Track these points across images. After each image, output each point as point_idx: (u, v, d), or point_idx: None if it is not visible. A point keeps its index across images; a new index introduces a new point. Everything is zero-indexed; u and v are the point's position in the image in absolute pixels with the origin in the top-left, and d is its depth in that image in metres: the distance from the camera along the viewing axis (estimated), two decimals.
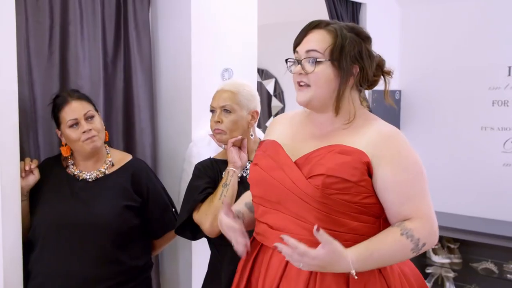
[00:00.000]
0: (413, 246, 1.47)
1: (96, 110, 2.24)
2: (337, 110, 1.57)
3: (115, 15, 2.64)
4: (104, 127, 2.24)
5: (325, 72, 1.55)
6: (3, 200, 1.98)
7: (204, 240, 2.50)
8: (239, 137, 2.11)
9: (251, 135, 2.17)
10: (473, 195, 3.97)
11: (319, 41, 1.56)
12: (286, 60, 1.64)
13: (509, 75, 3.83)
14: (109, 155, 2.28)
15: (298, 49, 1.60)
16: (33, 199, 2.17)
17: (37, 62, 2.35)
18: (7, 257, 2.01)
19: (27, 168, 2.12)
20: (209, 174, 2.14)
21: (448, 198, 3.98)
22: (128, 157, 2.33)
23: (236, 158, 2.08)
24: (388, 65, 1.66)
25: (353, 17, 3.87)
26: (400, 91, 4.25)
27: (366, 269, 1.46)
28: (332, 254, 1.39)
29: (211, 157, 2.27)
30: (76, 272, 2.05)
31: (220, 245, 2.07)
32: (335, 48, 1.54)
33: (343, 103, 1.57)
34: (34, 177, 2.15)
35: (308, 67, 1.56)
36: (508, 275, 3.69)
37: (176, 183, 2.69)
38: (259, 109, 2.20)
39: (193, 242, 2.70)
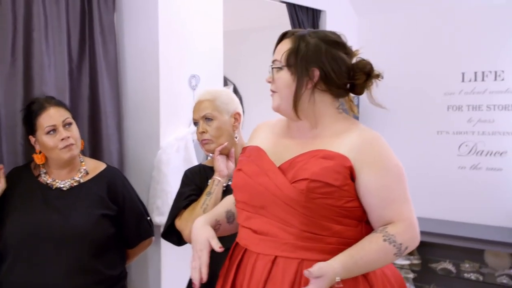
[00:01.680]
0: (396, 251, 1.50)
1: (73, 118, 2.19)
2: (295, 112, 1.60)
3: (79, 20, 2.60)
4: (79, 135, 2.19)
5: (283, 77, 1.60)
6: None
7: (174, 250, 2.49)
8: (225, 144, 2.11)
9: (236, 137, 2.16)
10: (430, 197, 4.09)
11: (281, 50, 1.62)
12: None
13: (463, 81, 3.98)
14: (83, 163, 2.24)
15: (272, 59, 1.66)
16: (1, 209, 2.10)
17: None
18: None
19: None
20: (195, 182, 2.14)
21: None
22: (102, 165, 2.29)
23: (222, 167, 2.08)
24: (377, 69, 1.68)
25: (314, 23, 3.93)
26: (358, 97, 4.32)
27: (351, 276, 1.49)
28: (328, 277, 1.43)
29: (201, 163, 2.28)
30: (51, 283, 2.00)
31: None
32: (289, 53, 1.59)
33: (301, 106, 1.60)
34: (0, 186, 2.08)
35: (273, 75, 1.63)
36: (465, 274, 3.82)
37: (144, 190, 2.66)
38: (240, 110, 2.21)
39: (162, 251, 2.68)
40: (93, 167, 2.25)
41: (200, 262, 1.58)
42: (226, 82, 5.48)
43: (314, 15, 3.94)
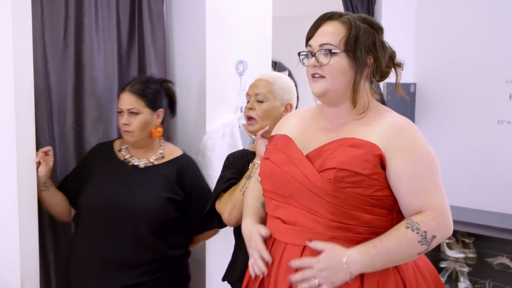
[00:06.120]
0: (420, 239, 1.45)
1: (151, 108, 2.25)
2: (354, 101, 1.56)
3: (129, 6, 2.64)
4: (148, 125, 2.24)
5: (340, 63, 1.55)
6: (20, 191, 2.00)
7: (218, 234, 2.51)
8: (267, 127, 2.10)
9: None
10: (489, 189, 3.93)
11: (332, 33, 1.56)
12: (299, 54, 1.64)
13: None
14: (162, 147, 2.33)
15: (311, 42, 1.60)
16: (83, 182, 2.24)
17: (52, 53, 2.36)
18: (24, 249, 2.02)
19: (45, 149, 2.14)
20: (237, 166, 2.16)
21: (464, 192, 3.94)
22: (178, 152, 2.37)
23: (263, 150, 2.08)
24: (399, 57, 1.65)
25: (369, 8, 3.83)
26: (415, 84, 4.21)
27: (375, 267, 1.46)
28: (333, 252, 1.43)
29: (245, 148, 2.30)
30: (113, 254, 2.12)
31: (239, 234, 2.09)
32: (350, 38, 1.54)
33: (359, 94, 1.56)
34: (46, 166, 2.15)
35: (323, 59, 1.56)
36: None
37: None
38: (293, 102, 2.19)
39: None
40: (170, 152, 2.34)
41: (258, 254, 1.61)
42: (281, 68, 5.46)
43: None
